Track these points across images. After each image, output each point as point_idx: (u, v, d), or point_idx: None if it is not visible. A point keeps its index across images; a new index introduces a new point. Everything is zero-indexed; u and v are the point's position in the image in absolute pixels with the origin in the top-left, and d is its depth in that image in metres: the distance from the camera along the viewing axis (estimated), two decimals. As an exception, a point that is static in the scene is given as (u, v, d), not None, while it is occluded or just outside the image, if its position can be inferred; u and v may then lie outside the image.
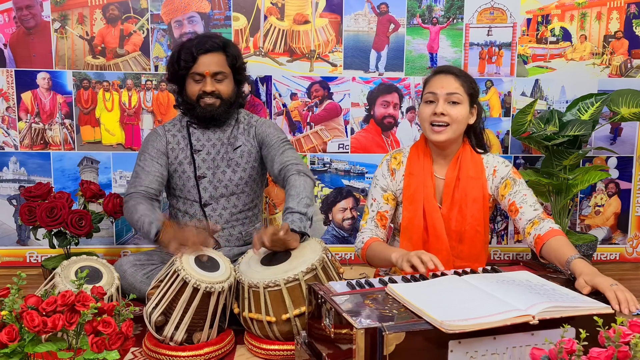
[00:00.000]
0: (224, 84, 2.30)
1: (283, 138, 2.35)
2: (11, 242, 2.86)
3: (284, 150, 2.28)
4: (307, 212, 2.06)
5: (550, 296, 1.46)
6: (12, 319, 1.28)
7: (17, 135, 2.79)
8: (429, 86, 2.08)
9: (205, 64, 2.26)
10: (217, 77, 2.28)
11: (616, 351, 1.08)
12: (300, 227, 2.03)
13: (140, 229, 2.14)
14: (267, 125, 2.38)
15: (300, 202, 2.07)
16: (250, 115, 2.42)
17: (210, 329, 1.90)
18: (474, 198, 2.08)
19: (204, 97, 2.27)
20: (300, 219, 2.03)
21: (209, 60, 2.27)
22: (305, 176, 2.16)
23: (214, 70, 2.27)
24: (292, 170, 2.18)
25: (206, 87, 2.26)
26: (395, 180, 2.16)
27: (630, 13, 2.85)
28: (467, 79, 2.07)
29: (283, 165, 2.22)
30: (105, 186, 2.78)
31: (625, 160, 2.98)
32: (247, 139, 2.36)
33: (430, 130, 2.05)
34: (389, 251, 1.95)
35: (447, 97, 2.02)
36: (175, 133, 2.36)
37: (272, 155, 2.30)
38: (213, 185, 2.33)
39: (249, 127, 2.38)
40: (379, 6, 2.80)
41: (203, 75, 2.26)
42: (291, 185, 2.13)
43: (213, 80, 2.27)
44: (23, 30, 2.73)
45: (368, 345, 1.31)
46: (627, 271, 2.95)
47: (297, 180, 2.13)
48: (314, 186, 2.20)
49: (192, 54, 2.26)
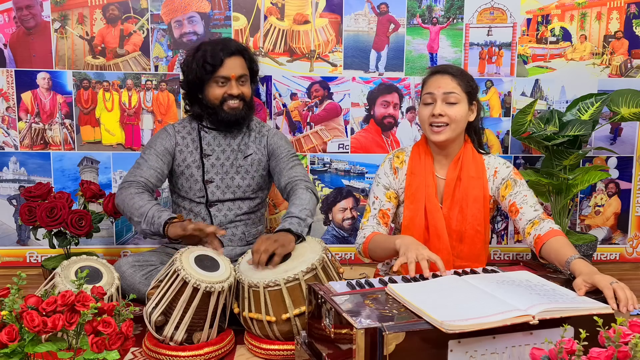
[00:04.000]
0: (246, 86, 2.33)
1: (293, 152, 2.39)
2: (11, 242, 2.86)
3: (293, 165, 2.33)
4: (306, 220, 2.12)
5: (550, 296, 1.46)
6: (12, 319, 1.28)
7: (17, 135, 2.79)
8: (427, 87, 2.09)
9: (230, 67, 2.27)
10: (241, 79, 2.30)
11: (616, 351, 1.08)
12: (298, 230, 2.07)
13: (142, 214, 2.11)
14: (279, 137, 2.41)
15: (302, 211, 2.13)
16: (262, 124, 2.45)
17: (210, 329, 1.90)
18: (475, 198, 2.08)
19: (228, 100, 2.28)
20: (298, 223, 2.09)
21: (234, 63, 2.28)
22: (311, 193, 2.23)
23: (239, 73, 2.29)
24: (301, 185, 2.24)
25: (232, 90, 2.27)
26: (398, 178, 2.16)
27: (630, 13, 2.85)
28: (464, 77, 2.07)
29: (291, 179, 2.27)
30: (105, 186, 2.78)
31: (625, 160, 2.98)
32: (258, 148, 2.38)
33: (430, 130, 2.06)
34: (392, 239, 1.93)
35: (444, 97, 2.03)
36: (185, 135, 2.36)
37: (280, 168, 2.33)
38: (221, 190, 2.34)
39: (260, 136, 2.40)
40: (379, 6, 2.80)
41: (228, 79, 2.27)
42: (297, 197, 2.19)
43: (237, 83, 2.29)
44: (23, 30, 2.73)
45: (368, 345, 1.31)
46: (627, 271, 2.95)
47: (304, 193, 2.20)
48: (317, 204, 2.27)
49: (220, 58, 2.25)
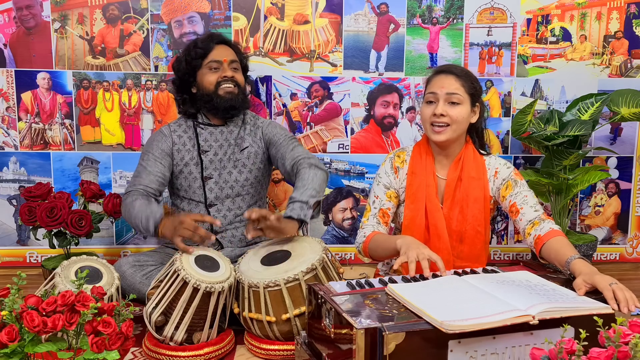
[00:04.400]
0: (239, 73, 2.36)
1: (290, 135, 2.39)
2: (11, 242, 2.86)
3: (293, 147, 2.31)
4: (308, 201, 2.07)
5: (550, 296, 1.46)
6: (12, 319, 1.28)
7: (17, 135, 2.79)
8: (430, 86, 2.08)
9: (221, 53, 2.33)
10: (233, 65, 2.34)
11: (616, 351, 1.08)
12: (300, 215, 2.03)
13: (138, 225, 2.14)
14: (273, 125, 2.42)
15: (304, 192, 2.08)
16: (256, 117, 2.45)
17: (210, 329, 1.90)
18: (475, 198, 2.08)
19: (222, 83, 2.30)
20: (300, 207, 2.04)
21: (224, 49, 2.35)
22: (316, 169, 2.17)
23: (230, 58, 2.33)
24: (304, 164, 2.19)
25: (226, 72, 2.31)
26: (399, 178, 2.16)
27: (630, 13, 2.85)
28: (468, 78, 2.07)
29: (295, 160, 2.24)
30: (105, 186, 2.78)
31: (625, 160, 2.98)
32: (254, 140, 2.37)
33: (431, 130, 2.06)
34: (392, 239, 1.93)
35: (447, 97, 2.02)
36: (181, 134, 2.36)
37: (282, 153, 2.32)
38: (219, 186, 2.34)
39: (255, 129, 2.39)
40: (379, 6, 2.80)
41: (220, 63, 2.31)
42: (300, 178, 2.15)
43: (230, 68, 2.32)
44: (23, 30, 2.73)
45: (368, 345, 1.31)
46: (627, 271, 2.95)
47: (307, 172, 2.15)
48: (326, 177, 2.22)
49: (208, 43, 2.32)
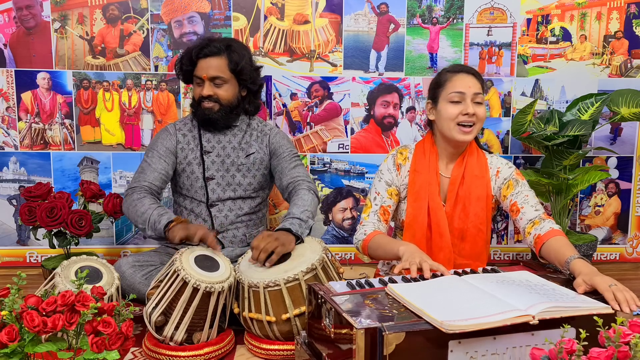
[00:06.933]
0: (223, 88, 2.29)
1: (294, 152, 2.39)
2: (11, 242, 2.86)
3: (295, 165, 2.34)
4: (307, 221, 2.14)
5: (550, 296, 1.46)
6: (12, 319, 1.28)
7: (17, 135, 2.79)
8: (453, 85, 2.04)
9: (203, 68, 2.27)
10: (216, 81, 2.28)
11: (616, 351, 1.08)
12: (298, 231, 2.08)
13: (145, 220, 2.13)
14: (281, 136, 2.41)
15: (303, 212, 2.14)
16: (264, 123, 2.44)
17: (210, 329, 1.90)
18: (478, 197, 2.08)
19: (202, 100, 2.29)
20: (299, 224, 2.10)
21: (207, 64, 2.27)
22: (313, 194, 2.24)
23: (211, 75, 2.26)
24: (303, 185, 2.26)
25: (203, 90, 2.28)
26: (401, 175, 2.15)
27: (630, 13, 2.85)
28: (481, 78, 2.10)
29: (293, 179, 2.28)
30: (105, 186, 2.78)
31: (625, 160, 2.98)
32: (260, 147, 2.38)
33: (457, 130, 2.03)
34: (396, 244, 1.92)
35: (474, 97, 2.02)
36: (186, 133, 2.36)
37: (282, 167, 2.34)
38: (221, 188, 2.34)
39: (262, 135, 2.39)
40: (379, 6, 2.80)
41: (202, 80, 2.28)
42: (299, 197, 2.21)
43: (212, 85, 2.28)
44: (23, 30, 2.73)
45: (368, 345, 1.31)
46: (627, 271, 2.95)
47: (306, 194, 2.21)
48: (318, 205, 2.30)
49: (190, 58, 2.29)
